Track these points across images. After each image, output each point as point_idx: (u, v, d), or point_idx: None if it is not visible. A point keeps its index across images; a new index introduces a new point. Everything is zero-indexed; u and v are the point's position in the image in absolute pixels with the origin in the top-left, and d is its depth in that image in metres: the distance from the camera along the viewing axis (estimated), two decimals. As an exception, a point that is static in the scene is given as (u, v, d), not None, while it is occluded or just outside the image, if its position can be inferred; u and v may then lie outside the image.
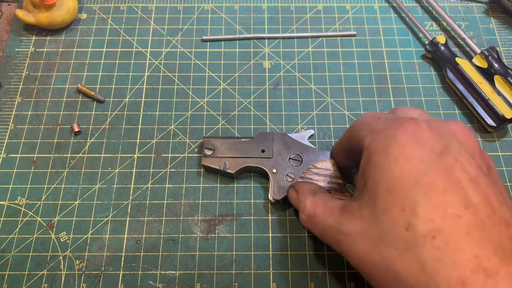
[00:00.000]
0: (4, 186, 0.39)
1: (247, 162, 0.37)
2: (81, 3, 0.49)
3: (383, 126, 0.25)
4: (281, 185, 0.36)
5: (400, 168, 0.22)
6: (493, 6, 0.49)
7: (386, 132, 0.24)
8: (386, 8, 0.49)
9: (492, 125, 0.40)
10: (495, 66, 0.41)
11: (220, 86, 0.44)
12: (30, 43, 0.46)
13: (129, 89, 0.44)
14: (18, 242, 0.36)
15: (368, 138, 0.26)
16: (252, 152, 0.37)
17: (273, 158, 0.37)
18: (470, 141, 0.24)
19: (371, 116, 0.28)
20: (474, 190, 0.21)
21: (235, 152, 0.37)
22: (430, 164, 0.22)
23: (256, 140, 0.37)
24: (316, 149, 0.37)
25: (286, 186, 0.35)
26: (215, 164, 0.37)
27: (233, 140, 0.38)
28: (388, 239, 0.22)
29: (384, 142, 0.24)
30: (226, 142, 0.38)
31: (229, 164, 0.37)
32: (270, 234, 0.37)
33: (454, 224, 0.20)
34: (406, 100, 0.43)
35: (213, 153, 0.37)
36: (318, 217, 0.28)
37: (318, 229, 0.28)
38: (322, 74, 0.45)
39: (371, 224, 0.23)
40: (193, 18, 0.48)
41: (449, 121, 0.26)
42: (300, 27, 0.48)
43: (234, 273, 0.35)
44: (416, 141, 0.23)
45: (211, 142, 0.38)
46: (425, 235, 0.21)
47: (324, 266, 0.35)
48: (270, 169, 0.36)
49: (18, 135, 0.41)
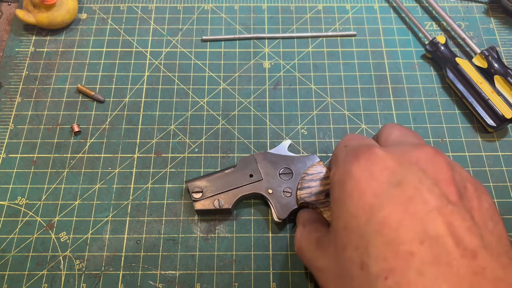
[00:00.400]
0: (4, 186, 0.39)
1: (240, 192, 0.35)
2: (81, 3, 0.49)
3: (343, 158, 0.24)
4: (282, 203, 0.35)
5: (355, 205, 0.21)
6: (493, 6, 0.49)
7: (343, 165, 0.23)
8: (386, 8, 0.49)
9: (492, 125, 0.40)
10: (495, 66, 0.41)
11: (220, 86, 0.44)
12: (30, 43, 0.46)
13: (129, 89, 0.44)
14: (18, 242, 0.36)
15: (332, 169, 0.25)
16: (241, 180, 0.36)
17: (263, 179, 0.36)
18: (435, 167, 0.22)
19: (342, 143, 0.27)
20: (434, 220, 0.20)
21: (224, 186, 0.35)
22: (384, 198, 0.21)
23: (240, 168, 0.36)
24: (301, 157, 0.36)
25: (287, 203, 0.34)
26: (210, 205, 0.35)
27: (218, 176, 0.36)
28: (347, 277, 0.21)
29: (341, 176, 0.23)
30: (212, 179, 0.36)
31: (223, 200, 0.35)
32: (270, 234, 0.37)
33: (406, 262, 0.19)
34: (406, 100, 0.43)
35: (203, 195, 0.35)
36: (302, 250, 0.28)
37: (304, 262, 0.28)
38: (322, 74, 0.45)
39: (334, 261, 0.23)
40: (193, 18, 0.48)
41: (416, 146, 0.24)
42: (300, 27, 0.48)
43: (234, 273, 0.35)
44: (369, 174, 0.22)
45: (196, 184, 0.36)
46: (378, 275, 0.20)
47: (324, 266, 0.35)
48: (265, 191, 0.35)
49: (18, 135, 0.41)
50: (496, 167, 0.40)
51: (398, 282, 0.19)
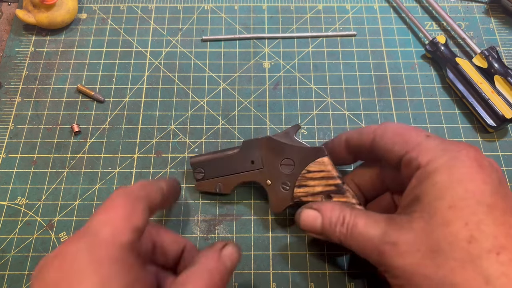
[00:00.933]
0: (4, 186, 0.39)
1: (239, 179, 0.35)
2: (81, 3, 0.49)
3: (442, 147, 0.26)
4: (279, 197, 0.34)
5: (465, 188, 0.23)
6: (493, 6, 0.49)
7: (449, 153, 0.25)
8: (386, 8, 0.49)
9: (492, 125, 0.40)
10: (495, 66, 0.41)
11: (220, 86, 0.44)
12: (30, 43, 0.46)
13: (129, 89, 0.44)
14: (18, 242, 0.36)
15: (421, 155, 0.26)
16: (242, 166, 0.35)
17: (264, 168, 0.34)
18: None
19: (414, 131, 0.28)
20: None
21: (224, 169, 0.35)
22: (492, 187, 0.24)
23: (243, 152, 0.35)
24: (307, 148, 0.34)
25: (284, 197, 0.34)
26: (211, 188, 0.36)
27: (220, 156, 0.35)
28: (446, 250, 0.22)
29: (448, 163, 0.25)
30: (214, 160, 0.35)
31: (222, 184, 0.35)
32: (270, 234, 0.37)
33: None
34: (406, 100, 0.43)
35: (204, 176, 0.35)
36: (359, 227, 0.27)
37: (355, 239, 0.27)
38: (322, 74, 0.45)
39: (425, 236, 0.24)
40: (193, 18, 0.48)
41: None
42: (300, 27, 0.48)
43: (234, 273, 0.35)
44: (479, 165, 0.24)
45: (200, 163, 0.36)
46: (490, 250, 0.22)
47: (324, 266, 0.35)
48: (264, 181, 0.34)
49: (18, 135, 0.41)
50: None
51: (511, 259, 0.21)
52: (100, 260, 0.20)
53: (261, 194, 0.38)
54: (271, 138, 0.35)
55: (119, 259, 0.21)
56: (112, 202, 0.24)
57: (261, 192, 0.38)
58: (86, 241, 0.21)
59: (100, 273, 0.20)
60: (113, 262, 0.21)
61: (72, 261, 0.20)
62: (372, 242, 0.26)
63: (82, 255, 0.20)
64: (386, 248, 0.25)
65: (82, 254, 0.20)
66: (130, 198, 0.25)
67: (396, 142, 0.28)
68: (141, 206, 0.25)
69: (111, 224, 0.22)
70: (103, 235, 0.21)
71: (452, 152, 0.25)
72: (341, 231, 0.28)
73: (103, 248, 0.21)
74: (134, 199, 0.25)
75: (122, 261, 0.21)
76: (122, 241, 0.22)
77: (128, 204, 0.24)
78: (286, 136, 0.35)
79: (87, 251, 0.20)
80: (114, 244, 0.21)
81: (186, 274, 0.25)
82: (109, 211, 0.24)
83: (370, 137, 0.30)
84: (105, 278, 0.20)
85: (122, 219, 0.23)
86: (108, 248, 0.21)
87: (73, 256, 0.20)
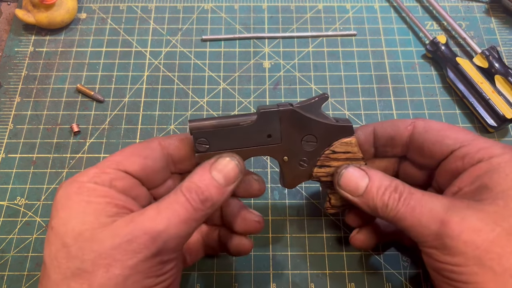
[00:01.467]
0: (4, 186, 0.39)
1: (252, 153, 0.29)
2: (81, 3, 0.49)
3: (499, 145, 0.27)
4: (295, 174, 0.30)
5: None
6: (494, 5, 0.49)
7: (510, 150, 0.27)
8: (387, 7, 0.49)
9: (493, 125, 0.40)
10: (496, 65, 0.41)
11: (220, 86, 0.44)
12: (29, 43, 0.46)
13: (128, 89, 0.44)
14: (17, 242, 0.36)
15: (481, 151, 0.27)
16: (256, 139, 0.29)
17: (282, 143, 0.29)
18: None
19: (461, 129, 0.29)
20: None
21: (235, 142, 0.29)
22: None
23: (258, 123, 0.29)
24: (333, 125, 0.30)
25: (300, 174, 0.30)
26: None
27: (231, 127, 0.29)
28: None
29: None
30: (223, 130, 0.29)
31: None
32: (270, 235, 0.37)
33: None
34: (407, 100, 0.43)
35: (209, 149, 0.28)
36: (417, 196, 0.26)
37: (411, 208, 0.26)
38: (322, 74, 0.45)
39: (500, 219, 0.24)
40: (193, 18, 0.48)
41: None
42: (300, 26, 0.48)
43: (234, 273, 0.35)
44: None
45: (204, 132, 0.28)
46: None
47: (324, 266, 0.35)
48: (280, 157, 0.30)
49: (18, 135, 0.41)
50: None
51: None
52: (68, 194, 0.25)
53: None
54: (295, 111, 0.29)
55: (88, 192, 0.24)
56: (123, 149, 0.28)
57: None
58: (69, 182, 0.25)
59: (64, 204, 0.24)
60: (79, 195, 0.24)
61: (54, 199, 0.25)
62: (434, 212, 0.25)
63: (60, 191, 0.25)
64: (454, 220, 0.24)
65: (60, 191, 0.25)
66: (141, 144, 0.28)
67: (448, 135, 0.29)
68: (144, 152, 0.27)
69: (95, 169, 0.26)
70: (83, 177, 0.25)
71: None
72: (393, 197, 0.27)
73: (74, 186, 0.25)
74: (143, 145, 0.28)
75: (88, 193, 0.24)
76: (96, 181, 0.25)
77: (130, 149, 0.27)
78: (311, 109, 0.30)
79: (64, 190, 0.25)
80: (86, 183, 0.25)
81: (167, 196, 0.25)
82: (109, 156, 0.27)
83: (409, 128, 0.30)
84: (65, 209, 0.24)
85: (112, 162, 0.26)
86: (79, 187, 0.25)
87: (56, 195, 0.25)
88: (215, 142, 0.29)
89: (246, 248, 0.31)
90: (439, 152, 0.29)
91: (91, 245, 0.23)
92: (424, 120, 0.30)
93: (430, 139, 0.29)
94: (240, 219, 0.30)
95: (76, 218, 0.23)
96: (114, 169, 0.26)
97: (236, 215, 0.30)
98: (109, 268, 0.22)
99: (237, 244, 0.31)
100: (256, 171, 0.39)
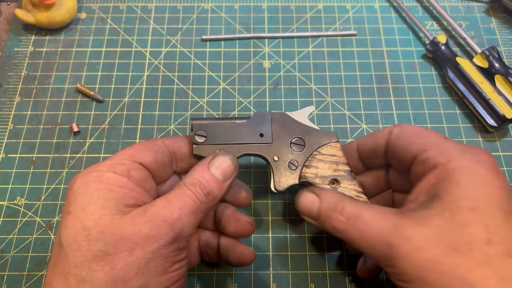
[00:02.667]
0: (3, 186, 0.39)
1: (244, 150, 0.32)
2: (81, 3, 0.49)
3: (461, 149, 0.26)
4: (284, 174, 0.32)
5: (487, 192, 0.24)
6: (494, 5, 0.49)
7: (469, 155, 0.26)
8: (387, 7, 0.49)
9: (493, 125, 0.40)
10: (496, 65, 0.41)
11: (220, 86, 0.44)
12: (29, 43, 0.46)
13: (128, 89, 0.44)
14: (17, 243, 0.36)
15: (440, 155, 0.26)
16: (249, 137, 0.32)
17: (273, 143, 0.32)
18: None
19: (432, 132, 0.29)
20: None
21: (230, 138, 0.32)
22: (507, 193, 0.25)
23: (252, 122, 0.33)
24: (320, 131, 0.33)
25: (289, 176, 0.32)
26: (210, 154, 0.32)
27: (227, 124, 0.33)
28: (465, 250, 0.23)
29: (470, 165, 0.25)
30: (220, 126, 0.32)
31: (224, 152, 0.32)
32: (270, 234, 0.37)
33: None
34: (407, 100, 0.43)
35: (206, 141, 0.32)
36: (364, 219, 0.26)
37: (359, 230, 0.26)
38: (322, 74, 0.44)
39: (444, 234, 0.24)
40: (193, 18, 0.48)
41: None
42: (300, 26, 0.48)
43: (234, 273, 0.35)
44: (497, 172, 0.25)
45: (203, 126, 0.32)
46: (505, 253, 0.22)
47: (324, 266, 0.35)
48: (271, 156, 0.32)
49: (17, 135, 0.41)
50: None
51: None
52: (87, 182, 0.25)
53: (262, 193, 0.38)
54: (285, 114, 0.33)
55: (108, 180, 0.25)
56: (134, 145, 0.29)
57: (262, 192, 0.38)
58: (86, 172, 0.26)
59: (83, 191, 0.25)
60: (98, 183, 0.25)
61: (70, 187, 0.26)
62: (380, 234, 0.25)
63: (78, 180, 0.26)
64: (399, 241, 0.24)
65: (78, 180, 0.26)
66: (149, 142, 0.30)
67: (413, 141, 0.28)
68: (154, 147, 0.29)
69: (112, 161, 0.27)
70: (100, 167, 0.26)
71: (473, 155, 0.26)
72: (338, 219, 0.27)
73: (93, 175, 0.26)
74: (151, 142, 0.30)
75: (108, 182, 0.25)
76: (115, 170, 0.26)
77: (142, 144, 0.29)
78: (299, 116, 0.34)
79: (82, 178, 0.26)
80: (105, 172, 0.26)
81: (173, 191, 0.27)
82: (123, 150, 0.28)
83: (386, 137, 0.30)
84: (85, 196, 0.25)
85: (127, 155, 0.28)
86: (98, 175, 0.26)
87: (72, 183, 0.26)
88: (212, 136, 0.32)
89: (249, 259, 0.31)
90: (407, 158, 0.29)
91: (112, 229, 0.23)
92: (400, 126, 0.30)
93: (399, 145, 0.29)
94: (233, 219, 0.31)
95: (96, 203, 0.24)
96: (130, 160, 0.27)
97: (229, 216, 0.32)
98: (132, 252, 0.23)
99: (241, 253, 0.31)
100: (256, 171, 0.39)
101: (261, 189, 0.38)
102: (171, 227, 0.24)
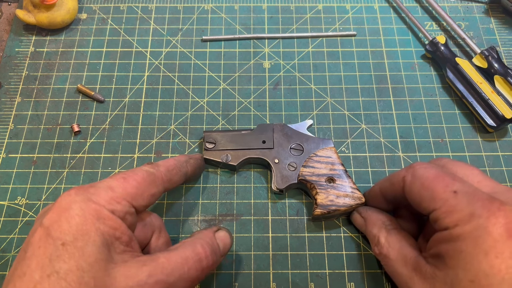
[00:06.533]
0: (4, 186, 0.39)
1: (248, 154, 0.37)
2: (81, 3, 0.49)
3: (469, 210, 0.24)
4: (284, 175, 0.36)
5: (490, 264, 0.22)
6: (493, 6, 0.49)
7: (476, 220, 0.24)
8: (386, 8, 0.49)
9: (492, 125, 0.40)
10: (495, 66, 0.41)
11: (220, 86, 0.44)
12: (30, 43, 0.46)
13: (129, 89, 0.44)
14: (18, 242, 0.36)
15: (448, 217, 0.25)
16: (253, 143, 0.38)
17: (274, 148, 0.37)
18: None
19: (441, 184, 0.27)
20: None
21: (236, 144, 0.38)
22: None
23: (256, 132, 0.38)
24: (316, 138, 0.38)
25: (289, 175, 0.36)
26: (217, 157, 0.38)
27: (234, 133, 0.38)
28: None
29: (474, 232, 0.23)
30: (227, 135, 0.38)
31: (231, 156, 0.37)
32: (270, 234, 0.37)
33: None
34: (406, 100, 0.43)
35: (215, 147, 0.38)
36: (391, 259, 0.30)
37: (388, 267, 0.31)
38: (322, 74, 0.45)
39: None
40: (193, 18, 0.48)
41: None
42: (300, 27, 0.48)
43: (234, 273, 0.35)
44: (508, 235, 0.23)
45: (212, 136, 0.38)
46: None
47: (324, 266, 0.35)
48: (272, 159, 0.37)
49: (18, 135, 0.41)
50: (496, 167, 0.40)
51: None
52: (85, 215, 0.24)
53: (262, 193, 0.38)
54: (285, 125, 0.39)
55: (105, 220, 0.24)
56: (134, 175, 0.27)
57: (262, 192, 0.38)
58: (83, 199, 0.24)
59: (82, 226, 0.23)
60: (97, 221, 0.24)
61: (65, 210, 0.24)
62: (399, 277, 0.29)
63: (75, 207, 0.24)
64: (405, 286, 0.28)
65: (75, 206, 0.24)
66: (150, 178, 0.28)
67: (423, 197, 0.27)
68: (153, 190, 0.28)
69: (112, 194, 0.25)
70: (99, 199, 0.25)
71: (480, 219, 0.24)
72: (374, 251, 0.32)
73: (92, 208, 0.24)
74: (152, 181, 0.28)
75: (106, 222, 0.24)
76: (114, 210, 0.25)
77: (143, 184, 0.27)
78: (299, 128, 0.39)
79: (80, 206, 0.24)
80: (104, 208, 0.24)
81: (181, 242, 0.28)
82: (123, 182, 0.26)
83: (401, 185, 0.30)
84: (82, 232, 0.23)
85: (127, 194, 0.26)
86: (97, 210, 0.24)
87: (67, 206, 0.24)
88: (221, 143, 0.38)
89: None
90: (423, 212, 0.28)
91: (104, 279, 0.23)
92: (412, 173, 0.29)
93: (413, 200, 0.29)
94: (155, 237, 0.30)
95: (93, 245, 0.23)
96: (129, 202, 0.26)
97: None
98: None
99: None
100: (256, 171, 0.39)
101: (261, 189, 0.39)
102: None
